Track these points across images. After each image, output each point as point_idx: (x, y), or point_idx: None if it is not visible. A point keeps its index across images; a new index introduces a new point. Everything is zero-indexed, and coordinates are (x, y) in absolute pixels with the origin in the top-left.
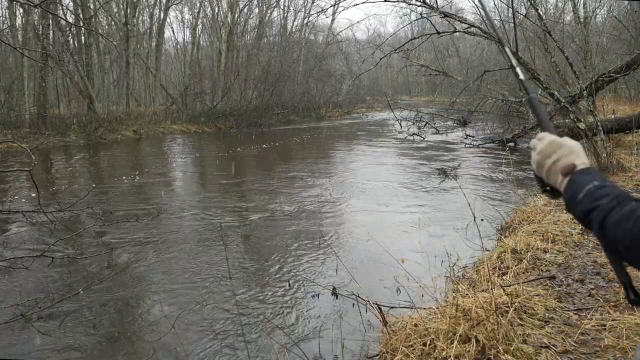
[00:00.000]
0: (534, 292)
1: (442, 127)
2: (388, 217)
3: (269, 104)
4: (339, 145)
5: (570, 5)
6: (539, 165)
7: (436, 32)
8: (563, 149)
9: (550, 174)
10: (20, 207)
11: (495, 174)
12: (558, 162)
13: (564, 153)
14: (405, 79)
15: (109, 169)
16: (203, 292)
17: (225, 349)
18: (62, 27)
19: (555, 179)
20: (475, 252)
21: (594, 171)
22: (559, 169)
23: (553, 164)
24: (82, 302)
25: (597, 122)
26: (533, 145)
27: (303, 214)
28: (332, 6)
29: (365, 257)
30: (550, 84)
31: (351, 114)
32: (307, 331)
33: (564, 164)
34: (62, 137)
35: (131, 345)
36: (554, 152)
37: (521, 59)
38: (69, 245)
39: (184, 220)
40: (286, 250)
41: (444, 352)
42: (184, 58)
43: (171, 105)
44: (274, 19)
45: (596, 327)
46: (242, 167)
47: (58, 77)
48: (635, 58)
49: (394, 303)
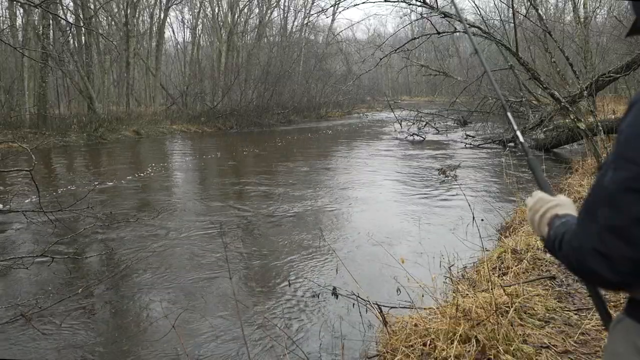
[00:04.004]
0: (534, 292)
1: (442, 127)
2: (388, 217)
3: (269, 104)
4: (339, 145)
5: (570, 5)
6: (531, 222)
7: (436, 32)
8: (550, 203)
9: (540, 228)
10: (21, 207)
11: (495, 174)
12: (545, 215)
13: (549, 206)
14: (406, 79)
15: (109, 169)
16: (203, 292)
17: (226, 348)
18: (62, 27)
19: (544, 232)
20: (475, 252)
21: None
22: (545, 221)
23: (540, 218)
24: (82, 302)
25: (597, 122)
26: (527, 203)
27: (303, 214)
28: (332, 6)
29: (365, 257)
30: (550, 84)
31: (351, 114)
32: (307, 331)
33: (550, 215)
34: (62, 137)
35: (131, 345)
36: (541, 207)
37: (521, 58)
38: (69, 245)
39: (184, 220)
40: (286, 250)
41: (444, 352)
42: (184, 58)
43: (171, 105)
44: (274, 19)
45: (596, 327)
46: (242, 167)
47: (58, 77)
48: (636, 58)
49: (394, 303)
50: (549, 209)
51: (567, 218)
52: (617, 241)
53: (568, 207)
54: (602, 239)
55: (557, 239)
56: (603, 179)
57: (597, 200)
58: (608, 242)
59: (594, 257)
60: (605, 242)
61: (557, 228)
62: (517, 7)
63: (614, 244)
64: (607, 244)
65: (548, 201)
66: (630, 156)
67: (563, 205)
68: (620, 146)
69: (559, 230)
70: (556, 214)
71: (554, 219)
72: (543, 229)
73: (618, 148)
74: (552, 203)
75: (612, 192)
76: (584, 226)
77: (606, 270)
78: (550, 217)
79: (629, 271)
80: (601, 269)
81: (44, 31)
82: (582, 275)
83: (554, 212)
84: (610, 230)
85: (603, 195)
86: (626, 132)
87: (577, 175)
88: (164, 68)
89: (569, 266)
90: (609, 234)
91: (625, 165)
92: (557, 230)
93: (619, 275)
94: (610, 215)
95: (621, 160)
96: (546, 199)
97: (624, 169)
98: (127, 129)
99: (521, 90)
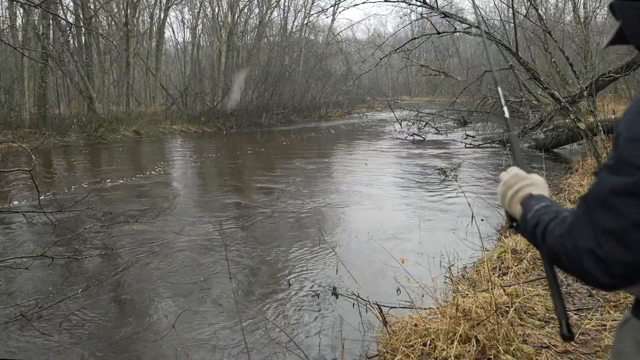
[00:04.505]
0: (534, 292)
1: (442, 127)
2: (388, 217)
3: (269, 104)
4: (339, 145)
5: (571, 5)
6: (502, 196)
7: (436, 32)
8: (525, 181)
9: (512, 204)
10: (20, 207)
11: (496, 174)
12: (518, 193)
13: (525, 184)
14: (406, 79)
15: (109, 169)
16: (203, 292)
17: (225, 349)
18: (62, 27)
19: (515, 210)
20: (475, 252)
21: (547, 198)
22: (518, 199)
23: (514, 195)
24: (82, 302)
25: (597, 122)
26: (501, 177)
27: (303, 214)
28: (332, 6)
29: (365, 257)
30: (550, 84)
31: (351, 114)
32: (307, 331)
33: (523, 194)
34: (62, 137)
35: (131, 345)
36: (515, 183)
37: (521, 58)
38: (69, 245)
39: (184, 220)
40: (286, 250)
41: (444, 352)
42: (184, 58)
43: (171, 105)
44: (274, 19)
45: (596, 327)
46: (242, 167)
47: (58, 77)
48: (636, 58)
49: (394, 303)
50: (523, 187)
51: (545, 202)
52: (615, 245)
53: (541, 187)
54: (599, 241)
55: (539, 225)
56: (602, 181)
57: (596, 202)
58: (605, 245)
59: (589, 258)
60: (602, 245)
61: (536, 212)
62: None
63: (611, 248)
64: (604, 247)
65: (523, 178)
66: (632, 161)
67: (537, 185)
68: (619, 149)
69: (543, 217)
70: (530, 193)
71: (528, 198)
72: (515, 206)
73: (617, 151)
74: (527, 181)
75: (611, 196)
76: (580, 226)
77: (600, 272)
78: (524, 195)
79: (622, 274)
80: (595, 270)
81: (44, 31)
82: (574, 273)
83: (527, 190)
84: (609, 233)
85: (602, 198)
86: (625, 135)
87: (577, 175)
88: (164, 68)
89: (556, 260)
90: (606, 237)
91: (625, 170)
92: (537, 215)
93: (613, 278)
94: (609, 218)
95: (621, 164)
96: (521, 175)
97: (624, 173)
98: (127, 129)
99: (521, 90)
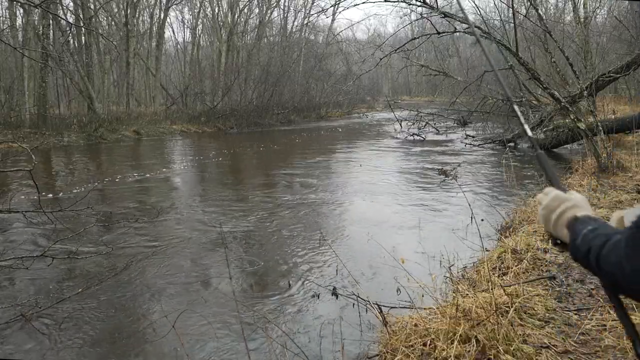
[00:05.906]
0: (534, 292)
1: (442, 127)
2: (388, 217)
3: (269, 104)
4: (339, 145)
5: (570, 5)
6: (546, 220)
7: (436, 32)
8: (567, 203)
9: (557, 228)
10: (20, 207)
11: (495, 174)
12: (562, 217)
13: (567, 206)
14: (406, 79)
15: (109, 169)
16: (203, 292)
17: (226, 348)
18: (62, 27)
19: (562, 234)
20: (475, 252)
21: (592, 218)
22: (563, 222)
23: (558, 218)
24: (82, 302)
25: (597, 122)
26: (539, 200)
27: (303, 214)
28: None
29: (365, 257)
30: (550, 84)
31: (351, 114)
32: (307, 331)
33: (568, 217)
34: (62, 137)
35: (131, 345)
36: (558, 206)
37: (521, 58)
38: (69, 246)
39: (184, 220)
40: (286, 250)
41: (444, 352)
42: (184, 58)
43: (171, 105)
44: (274, 19)
45: (596, 328)
46: (242, 167)
47: (58, 77)
48: (636, 58)
49: (394, 303)
50: (566, 209)
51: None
52: None
53: (584, 206)
54: None
55: (591, 252)
56: None
57: None
58: None
59: None
60: None
61: (585, 237)
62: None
63: None
64: None
65: (564, 200)
66: None
67: (580, 206)
68: None
69: (593, 242)
70: (575, 216)
71: (573, 221)
72: (561, 230)
73: None
74: (569, 203)
75: None
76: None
77: None
78: (569, 218)
79: None
80: None
81: (44, 31)
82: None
83: (572, 213)
84: None
85: None
86: None
87: (577, 175)
88: (164, 68)
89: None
90: None
91: None
92: (587, 240)
93: None
94: None
95: None
96: (562, 197)
97: None
98: (127, 129)
99: (521, 90)
